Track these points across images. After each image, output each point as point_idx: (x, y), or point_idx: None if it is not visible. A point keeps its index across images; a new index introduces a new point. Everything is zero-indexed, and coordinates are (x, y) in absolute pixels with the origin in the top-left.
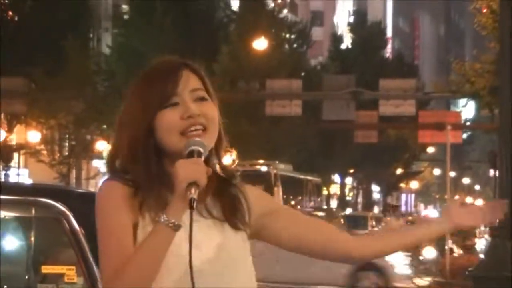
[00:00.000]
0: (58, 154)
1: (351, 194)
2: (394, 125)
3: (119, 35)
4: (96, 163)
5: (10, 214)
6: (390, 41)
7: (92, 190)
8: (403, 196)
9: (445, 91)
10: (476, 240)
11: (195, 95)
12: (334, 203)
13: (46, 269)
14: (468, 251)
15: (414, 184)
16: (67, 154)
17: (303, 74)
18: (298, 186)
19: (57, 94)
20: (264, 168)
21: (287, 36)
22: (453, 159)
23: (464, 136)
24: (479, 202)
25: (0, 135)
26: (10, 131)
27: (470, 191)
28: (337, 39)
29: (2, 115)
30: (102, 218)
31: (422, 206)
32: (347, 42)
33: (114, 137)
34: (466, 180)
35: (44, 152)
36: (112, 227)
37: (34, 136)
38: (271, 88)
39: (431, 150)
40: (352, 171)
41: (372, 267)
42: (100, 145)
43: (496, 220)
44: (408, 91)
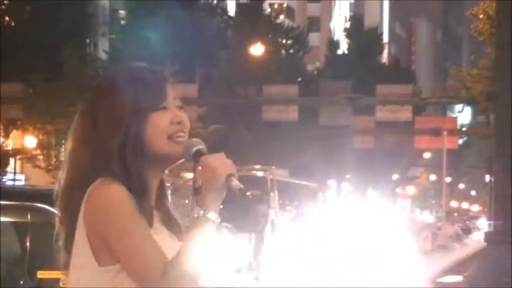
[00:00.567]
0: (55, 159)
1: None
2: (390, 130)
3: (116, 41)
4: None
5: (6, 219)
6: (387, 46)
7: None
8: (399, 201)
9: (441, 97)
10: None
11: (177, 103)
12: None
13: (42, 274)
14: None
15: (411, 189)
16: (63, 159)
17: (299, 79)
18: (295, 192)
19: (54, 100)
20: (260, 173)
21: (284, 41)
22: (449, 164)
23: (460, 141)
24: (475, 208)
25: None
26: (6, 136)
27: (466, 197)
28: (333, 45)
29: None
30: (126, 222)
31: (418, 211)
32: (343, 48)
33: (93, 141)
34: (462, 186)
35: (41, 157)
36: (141, 230)
37: (30, 141)
38: (268, 94)
39: (427, 155)
40: (348, 176)
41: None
42: None
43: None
44: (404, 97)
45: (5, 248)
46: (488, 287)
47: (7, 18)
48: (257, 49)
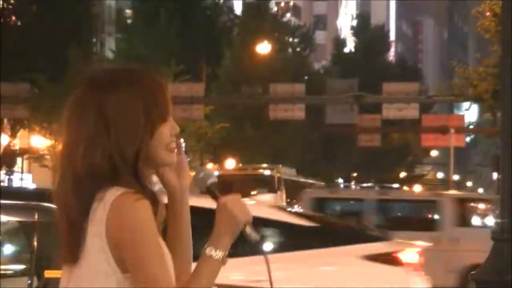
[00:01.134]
0: None
1: None
2: (397, 128)
3: (122, 40)
4: None
5: (14, 219)
6: (393, 44)
7: None
8: None
9: (448, 95)
10: None
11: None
12: None
13: (49, 273)
14: None
15: (417, 187)
16: (61, 156)
17: (306, 78)
18: (301, 190)
19: (60, 99)
20: (267, 172)
21: (290, 40)
22: (456, 162)
23: (467, 139)
24: (482, 206)
25: (3, 140)
26: (13, 136)
27: None
28: (340, 43)
29: (5, 120)
30: (148, 243)
31: None
32: (350, 46)
33: (106, 145)
34: (469, 183)
35: (48, 156)
36: (162, 254)
37: (37, 141)
38: (274, 92)
39: (434, 153)
40: (355, 174)
41: None
42: None
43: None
44: (411, 95)
45: (12, 247)
46: (495, 285)
47: (13, 18)
48: (263, 47)
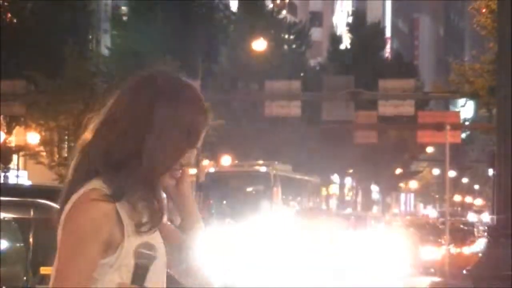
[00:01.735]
0: (57, 156)
1: (350, 194)
2: (393, 125)
3: (118, 37)
4: None
5: (9, 215)
6: (389, 41)
7: None
8: (402, 196)
9: (444, 91)
10: (475, 240)
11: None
12: (333, 203)
13: (45, 270)
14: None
15: (413, 184)
16: (66, 155)
17: (302, 74)
18: (297, 187)
19: (56, 96)
20: (263, 169)
21: (286, 36)
22: (452, 159)
23: (463, 136)
24: (478, 202)
25: (0, 137)
26: (9, 133)
27: (469, 191)
28: (336, 40)
29: (2, 117)
30: (75, 243)
31: (421, 206)
32: (346, 43)
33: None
34: (465, 180)
35: (43, 153)
36: (77, 267)
37: (33, 138)
38: (270, 89)
39: (430, 150)
40: (351, 171)
41: None
42: None
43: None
44: (407, 91)
45: (8, 244)
46: (490, 280)
47: (9, 15)
48: (259, 44)
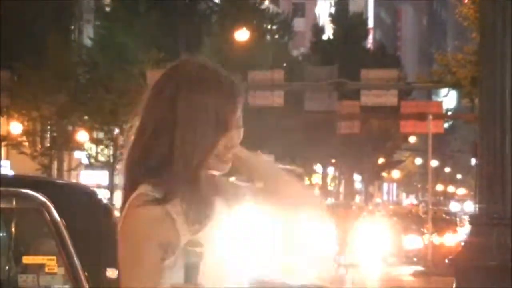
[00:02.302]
0: (40, 146)
1: (333, 184)
2: (376, 115)
3: (101, 27)
4: (78, 154)
5: None
6: (372, 32)
7: (73, 181)
8: (385, 185)
9: (427, 82)
10: (458, 229)
11: (238, 124)
12: (316, 193)
13: (27, 259)
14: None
15: (396, 173)
16: (48, 145)
17: (285, 65)
18: None
19: (39, 87)
20: None
21: (269, 27)
22: (434, 148)
23: (445, 126)
24: (461, 191)
25: None
26: None
27: (451, 180)
28: (318, 30)
29: None
30: (131, 251)
31: (404, 195)
32: (328, 33)
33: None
34: (447, 169)
35: (26, 143)
36: (141, 263)
37: (16, 128)
38: (253, 79)
39: (413, 139)
40: (334, 161)
41: None
42: (82, 136)
43: None
44: (390, 82)
45: None
46: (473, 270)
47: None
48: (242, 35)
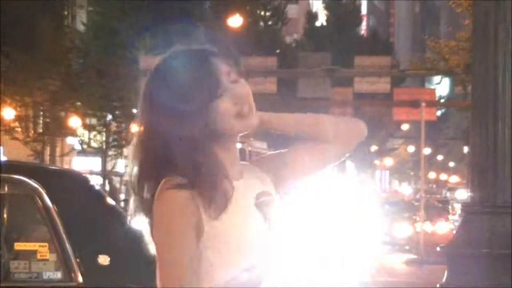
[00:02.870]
0: (32, 132)
1: None
2: (369, 102)
3: (94, 13)
4: (70, 140)
5: None
6: (365, 18)
7: (66, 167)
8: (378, 173)
9: (420, 69)
10: (450, 217)
11: (232, 77)
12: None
13: (19, 246)
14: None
15: (389, 161)
16: (41, 131)
17: (278, 51)
18: None
19: (31, 72)
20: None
21: (262, 13)
22: (427, 136)
23: (438, 113)
24: (454, 179)
25: None
26: None
27: (444, 168)
28: (312, 17)
29: None
30: (164, 236)
31: (396, 183)
32: (322, 20)
33: (162, 134)
34: (440, 157)
35: (19, 129)
36: (171, 252)
37: (8, 113)
38: (246, 65)
39: (405, 127)
40: None
41: None
42: (74, 122)
43: None
44: (383, 69)
45: None
46: (465, 258)
47: None
48: (235, 21)
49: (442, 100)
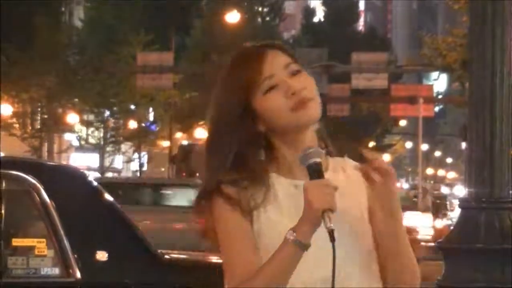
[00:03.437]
0: (30, 128)
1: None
2: (366, 98)
3: (91, 9)
4: (68, 136)
5: None
6: (363, 14)
7: (63, 163)
8: None
9: (417, 65)
10: (448, 213)
11: (290, 70)
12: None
13: (17, 242)
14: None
15: (386, 157)
16: (39, 127)
17: None
18: None
19: (29, 68)
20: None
21: (260, 9)
22: (425, 132)
23: (436, 109)
24: (451, 175)
25: None
26: None
27: (442, 164)
28: (309, 13)
29: None
30: (223, 231)
31: None
32: (319, 16)
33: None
34: (438, 153)
35: (16, 125)
36: (230, 244)
37: (5, 109)
38: None
39: (403, 123)
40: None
41: None
42: (72, 118)
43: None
44: (380, 65)
45: None
46: (462, 253)
47: None
48: (232, 17)
49: (440, 97)
